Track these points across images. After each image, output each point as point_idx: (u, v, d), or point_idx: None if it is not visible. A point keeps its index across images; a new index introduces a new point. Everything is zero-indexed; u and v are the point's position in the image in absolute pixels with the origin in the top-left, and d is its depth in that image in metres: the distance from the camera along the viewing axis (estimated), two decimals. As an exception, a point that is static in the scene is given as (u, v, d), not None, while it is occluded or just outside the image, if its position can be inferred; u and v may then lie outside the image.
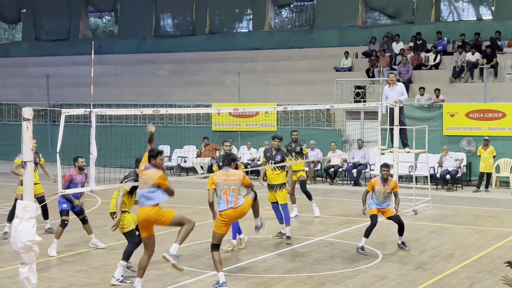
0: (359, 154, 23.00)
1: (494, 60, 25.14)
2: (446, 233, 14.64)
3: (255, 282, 10.75)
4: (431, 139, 21.24)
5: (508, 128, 21.85)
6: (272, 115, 25.59)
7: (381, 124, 18.03)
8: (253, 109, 23.05)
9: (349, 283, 10.61)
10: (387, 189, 12.73)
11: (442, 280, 10.76)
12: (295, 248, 13.16)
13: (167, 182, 9.55)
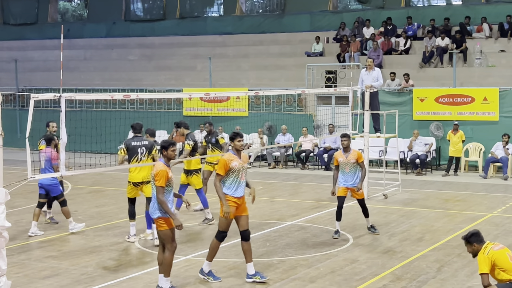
0: (330, 139, 23.11)
1: (464, 45, 25.36)
2: (416, 217, 14.80)
3: (226, 266, 10.78)
4: (401, 123, 21.41)
5: (477, 112, 22.10)
6: (244, 100, 25.58)
7: (352, 109, 18.12)
8: (225, 94, 23.00)
9: (320, 266, 10.69)
10: (351, 159, 12.54)
11: (412, 264, 10.89)
12: (266, 233, 13.21)
13: (160, 182, 9.14)
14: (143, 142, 12.61)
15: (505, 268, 7.70)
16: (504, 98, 21.83)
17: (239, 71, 28.64)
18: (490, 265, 7.68)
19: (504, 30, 26.01)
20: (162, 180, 9.16)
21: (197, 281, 9.96)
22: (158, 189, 9.15)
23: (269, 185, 19.73)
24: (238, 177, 9.90)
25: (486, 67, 24.83)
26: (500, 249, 7.79)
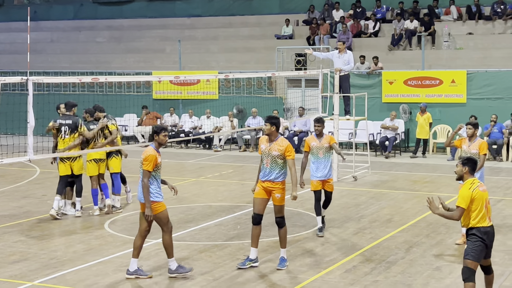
0: (300, 122, 23.17)
1: (432, 28, 25.53)
2: (385, 198, 14.94)
3: (197, 249, 10.79)
4: (371, 106, 21.54)
5: (445, 95, 22.32)
6: (214, 83, 25.48)
7: (322, 91, 18.18)
8: (194, 77, 22.74)
9: (291, 248, 10.75)
10: (324, 143, 11.72)
11: (381, 245, 11.00)
12: (237, 216, 13.24)
13: (147, 167, 9.16)
14: (67, 121, 12.92)
15: (475, 209, 7.63)
16: (472, 80, 22.06)
17: (209, 54, 28.51)
18: (469, 202, 7.64)
19: (472, 13, 26.22)
20: (150, 164, 9.17)
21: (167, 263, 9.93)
22: (144, 173, 9.16)
23: (240, 168, 19.75)
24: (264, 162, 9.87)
25: (454, 49, 25.05)
26: (483, 191, 7.73)
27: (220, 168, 19.66)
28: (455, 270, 9.37)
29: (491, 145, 20.74)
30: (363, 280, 9.14)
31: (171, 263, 9.40)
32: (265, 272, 9.54)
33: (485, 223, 7.68)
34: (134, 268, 9.36)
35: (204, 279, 9.26)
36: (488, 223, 7.72)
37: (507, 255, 10.30)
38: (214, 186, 16.81)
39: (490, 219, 7.77)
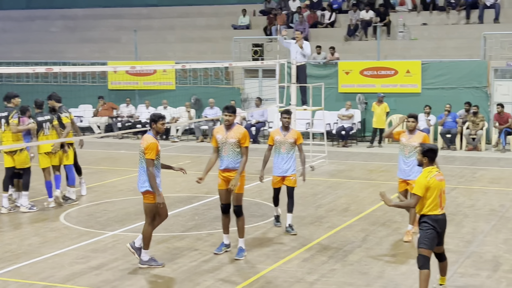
0: (257, 112, 23.18)
1: (387, 18, 25.75)
2: (342, 187, 15.06)
3: (155, 240, 10.71)
4: (327, 96, 21.63)
5: (400, 85, 22.57)
6: (171, 73, 25.32)
7: (279, 82, 18.21)
8: (151, 67, 22.72)
9: (249, 238, 10.75)
10: (289, 138, 11.08)
11: (338, 233, 11.10)
12: (195, 206, 13.20)
13: (150, 155, 9.14)
14: (46, 117, 13.14)
15: (429, 197, 7.75)
16: (426, 70, 22.35)
17: (165, 44, 28.29)
18: (425, 190, 7.74)
19: (426, 4, 26.52)
20: (153, 152, 9.13)
21: (124, 255, 9.87)
22: (148, 162, 9.12)
23: (197, 159, 19.69)
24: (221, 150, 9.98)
25: (409, 40, 25.32)
26: (440, 180, 7.83)
27: (177, 159, 19.55)
28: (411, 258, 9.50)
29: (445, 134, 21.07)
30: (320, 269, 9.21)
31: (145, 255, 9.37)
32: (224, 262, 9.54)
33: (436, 211, 7.79)
34: (146, 258, 9.41)
35: (162, 270, 9.21)
36: (440, 211, 7.82)
37: (461, 242, 10.49)
38: (172, 177, 16.70)
39: (443, 208, 7.87)
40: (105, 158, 19.44)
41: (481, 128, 20.65)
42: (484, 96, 21.70)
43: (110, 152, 21.15)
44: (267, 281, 8.72)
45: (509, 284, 8.51)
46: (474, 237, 10.76)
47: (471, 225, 11.59)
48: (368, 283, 8.67)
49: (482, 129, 20.66)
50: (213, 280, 8.80)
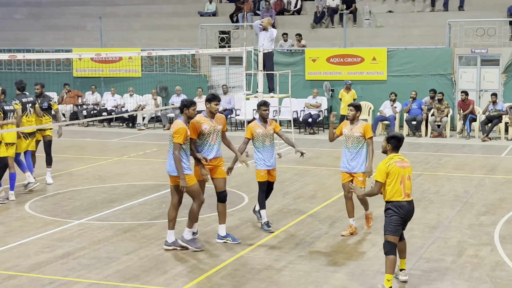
0: (224, 100, 23.12)
1: (353, 6, 25.83)
2: (309, 175, 15.12)
3: (122, 229, 10.67)
4: (294, 83, 21.69)
5: (366, 72, 22.70)
6: (136, 61, 25.13)
7: (246, 69, 18.18)
8: (116, 55, 22.48)
9: (216, 226, 10.75)
10: (269, 130, 10.64)
11: (305, 220, 11.15)
12: (162, 194, 13.15)
13: (178, 139, 9.07)
14: (29, 98, 13.25)
15: (389, 184, 7.87)
16: (392, 58, 22.51)
17: (131, 31, 28.03)
18: (385, 176, 7.87)
19: (392, -8, 26.67)
20: (181, 137, 9.13)
21: (91, 244, 9.80)
22: (175, 146, 9.13)
23: (164, 147, 19.56)
24: (208, 139, 9.69)
25: (374, 27, 25.45)
26: (401, 167, 7.89)
27: (144, 147, 19.46)
28: (377, 244, 9.59)
29: (410, 121, 21.26)
30: (288, 256, 9.25)
31: (187, 233, 9.47)
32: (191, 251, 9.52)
33: (399, 198, 7.86)
34: (172, 239, 9.46)
35: (129, 259, 9.17)
36: (404, 197, 7.88)
37: (426, 228, 10.61)
38: (138, 165, 16.64)
39: (408, 195, 7.92)
40: (70, 146, 19.24)
41: (446, 115, 20.88)
42: (449, 83, 21.94)
43: (76, 140, 20.94)
44: (235, 269, 8.73)
45: (473, 269, 8.64)
46: (439, 223, 10.90)
47: (436, 211, 11.73)
48: (335, 269, 8.74)
49: (447, 116, 20.89)
50: (181, 267, 8.79)
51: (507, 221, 10.98)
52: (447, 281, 8.22)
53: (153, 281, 8.28)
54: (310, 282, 8.23)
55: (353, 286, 8.11)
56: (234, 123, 23.36)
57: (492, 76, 21.82)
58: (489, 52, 21.84)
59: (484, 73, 21.95)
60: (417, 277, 8.36)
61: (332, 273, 8.57)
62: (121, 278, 8.41)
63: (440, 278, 8.31)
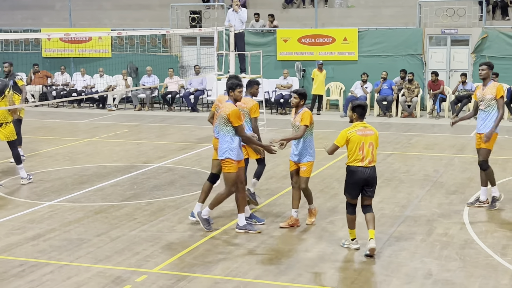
0: (196, 80, 23.03)
1: (325, -14, 25.83)
2: (280, 155, 15.09)
3: (93, 210, 10.62)
4: (266, 64, 21.67)
5: (337, 52, 22.74)
6: (106, 41, 24.87)
7: (217, 49, 18.10)
8: (86, 35, 22.25)
9: (188, 207, 10.76)
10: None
11: (277, 200, 11.19)
12: (133, 176, 13.09)
13: (237, 122, 8.96)
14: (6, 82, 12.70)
15: (349, 150, 8.46)
16: (363, 38, 22.57)
17: (101, 11, 27.70)
18: (344, 142, 8.46)
19: (363, -28, 26.67)
20: (239, 119, 9.03)
21: (61, 226, 9.74)
22: (240, 129, 9.05)
23: (135, 128, 19.50)
24: None
25: (346, 8, 25.46)
26: (363, 135, 8.38)
27: (114, 128, 19.33)
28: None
29: (381, 102, 21.39)
30: (260, 236, 9.29)
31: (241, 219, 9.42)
32: (163, 231, 9.51)
33: (357, 163, 8.40)
34: (243, 222, 9.41)
35: (100, 241, 9.13)
36: (362, 164, 8.39)
37: (396, 207, 10.72)
38: (109, 146, 16.54)
39: (370, 162, 8.41)
40: (40, 128, 19.05)
41: (416, 95, 21.04)
42: (419, 63, 22.08)
43: (45, 121, 20.73)
44: (206, 249, 8.75)
45: (442, 247, 8.76)
46: (409, 202, 11.02)
47: (406, 190, 11.85)
48: (307, 248, 8.79)
49: (417, 96, 21.06)
50: (153, 249, 8.78)
51: (476, 199, 11.13)
52: (417, 259, 8.32)
53: (125, 262, 8.27)
54: (282, 261, 8.28)
55: (325, 265, 8.18)
56: (205, 103, 23.29)
57: (462, 56, 22.01)
58: (459, 32, 22.01)
59: (454, 53, 22.13)
60: (388, 256, 8.46)
61: (304, 253, 8.63)
62: (92, 260, 8.38)
63: (410, 257, 8.41)
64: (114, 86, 23.84)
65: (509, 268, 7.97)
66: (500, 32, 21.38)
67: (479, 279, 7.63)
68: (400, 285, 7.52)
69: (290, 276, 7.79)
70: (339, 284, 7.55)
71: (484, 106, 10.26)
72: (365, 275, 7.84)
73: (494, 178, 10.64)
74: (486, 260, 8.26)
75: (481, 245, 8.82)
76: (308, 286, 7.50)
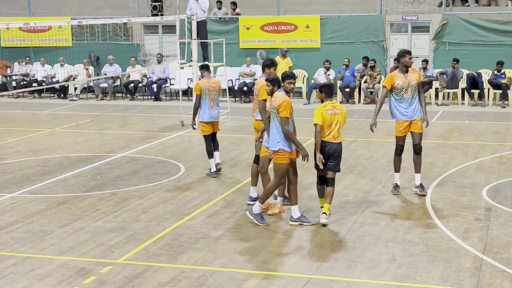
0: (159, 69, 22.87)
1: (287, -27, 25.79)
2: (245, 143, 15.15)
3: (56, 202, 10.50)
4: (229, 52, 21.61)
5: (300, 40, 22.77)
6: (67, 30, 24.54)
7: (180, 38, 17.99)
8: (46, 24, 21.90)
9: (153, 197, 10.71)
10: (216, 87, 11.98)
11: (242, 189, 11.20)
12: (97, 166, 12.98)
13: (284, 113, 8.78)
14: None
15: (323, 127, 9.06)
16: (325, 25, 22.63)
17: (60, -1, 27.31)
18: (323, 118, 8.98)
19: (325, -41, 26.70)
20: (287, 110, 8.85)
21: (24, 217, 9.61)
22: (283, 121, 8.86)
23: (98, 117, 19.31)
24: None
25: (308, -5, 25.50)
26: (332, 114, 9.01)
27: (76, 118, 19.12)
28: (314, 210, 9.72)
29: (343, 88, 21.50)
30: (225, 224, 9.29)
31: (295, 211, 9.25)
32: (128, 221, 9.46)
33: (324, 138, 9.05)
34: (297, 215, 9.26)
35: (64, 232, 9.04)
36: (330, 139, 9.06)
37: (360, 193, 10.81)
38: (71, 136, 16.36)
39: (334, 137, 9.07)
40: (0, 118, 18.78)
41: (379, 82, 21.20)
42: (381, 50, 22.24)
43: (5, 112, 20.42)
44: (172, 238, 8.72)
45: (406, 232, 8.86)
46: (373, 188, 11.12)
47: (369, 176, 11.96)
48: (272, 235, 8.83)
49: (380, 83, 21.21)
50: (118, 239, 8.72)
51: (438, 184, 11.29)
52: (381, 244, 8.41)
53: (89, 253, 8.21)
54: (247, 249, 8.30)
55: (290, 252, 8.22)
56: (168, 92, 23.16)
57: (423, 43, 22.23)
58: (419, 19, 22.21)
59: (414, 39, 22.33)
60: (352, 242, 8.53)
61: (269, 240, 8.66)
62: (56, 251, 8.30)
63: (374, 242, 8.50)
64: (75, 75, 23.56)
65: (471, 251, 8.11)
66: (460, 18, 21.63)
67: (442, 263, 7.75)
68: (365, 270, 7.60)
69: (255, 264, 7.82)
70: (304, 270, 7.60)
71: (410, 93, 10.40)
72: (330, 261, 7.90)
73: None
74: (449, 244, 8.39)
75: (444, 229, 8.95)
76: (273, 274, 7.54)
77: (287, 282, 7.28)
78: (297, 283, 7.24)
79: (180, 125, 16.91)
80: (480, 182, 11.34)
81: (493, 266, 7.62)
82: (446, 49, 21.67)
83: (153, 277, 7.47)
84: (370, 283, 7.27)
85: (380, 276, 7.43)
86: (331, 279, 7.39)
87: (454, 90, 20.88)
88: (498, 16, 21.70)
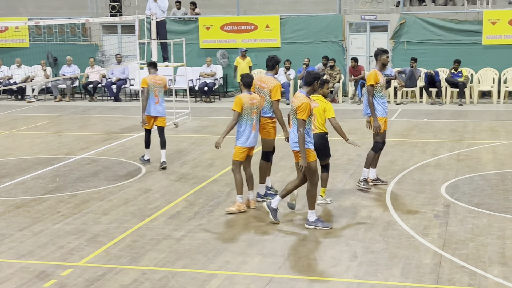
0: (118, 69, 22.68)
1: (246, -27, 25.80)
2: (206, 143, 15.12)
3: (14, 205, 10.34)
4: (189, 52, 21.53)
5: (260, 39, 22.80)
6: (24, 30, 24.16)
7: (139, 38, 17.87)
8: (2, 24, 21.57)
9: (113, 198, 10.63)
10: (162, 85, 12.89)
11: (204, 189, 11.18)
12: (56, 168, 12.82)
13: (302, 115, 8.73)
14: None
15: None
16: (285, 25, 22.70)
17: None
18: (308, 113, 8.81)
19: (284, -41, 26.78)
20: (305, 113, 8.73)
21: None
22: (300, 123, 8.73)
23: (56, 119, 19.07)
24: None
25: (267, -6, 25.55)
26: (314, 107, 9.10)
27: (34, 120, 18.86)
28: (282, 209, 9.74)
29: (304, 88, 21.55)
30: (187, 225, 9.26)
31: (311, 215, 9.08)
32: (88, 224, 9.36)
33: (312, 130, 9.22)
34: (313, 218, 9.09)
35: (22, 235, 8.90)
36: (314, 130, 9.49)
37: (321, 191, 10.88)
38: (29, 138, 16.13)
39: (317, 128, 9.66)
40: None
41: (338, 81, 21.35)
42: (340, 49, 22.40)
43: (-39, 114, 20.06)
44: (133, 240, 8.66)
45: (367, 229, 8.94)
46: (334, 186, 11.19)
47: (330, 174, 11.98)
48: (234, 235, 8.83)
49: (339, 82, 21.37)
50: (78, 242, 8.63)
51: (398, 182, 11.42)
52: (342, 242, 8.48)
53: (49, 257, 8.10)
54: (209, 250, 8.29)
55: (252, 252, 8.23)
56: (128, 93, 22.99)
57: (381, 42, 22.42)
58: (377, 18, 22.42)
59: (373, 39, 22.54)
60: (313, 240, 8.58)
61: (231, 240, 8.66)
62: (15, 255, 8.17)
63: (336, 240, 8.56)
64: (33, 76, 23.23)
65: (430, 247, 8.22)
66: (417, 17, 21.91)
67: (403, 260, 7.84)
68: (327, 268, 7.64)
69: (218, 264, 7.81)
70: (266, 269, 7.61)
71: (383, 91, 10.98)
72: (292, 259, 7.94)
73: None
74: (409, 240, 8.50)
75: (404, 226, 9.06)
76: (235, 274, 7.54)
77: (250, 282, 7.29)
78: (260, 282, 7.26)
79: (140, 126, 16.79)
80: (439, 179, 11.51)
81: (452, 262, 7.74)
82: (404, 48, 21.93)
83: (115, 279, 7.40)
84: (332, 281, 7.32)
85: (341, 274, 7.48)
86: (293, 278, 7.42)
87: (412, 88, 21.14)
88: (455, 15, 22.03)
